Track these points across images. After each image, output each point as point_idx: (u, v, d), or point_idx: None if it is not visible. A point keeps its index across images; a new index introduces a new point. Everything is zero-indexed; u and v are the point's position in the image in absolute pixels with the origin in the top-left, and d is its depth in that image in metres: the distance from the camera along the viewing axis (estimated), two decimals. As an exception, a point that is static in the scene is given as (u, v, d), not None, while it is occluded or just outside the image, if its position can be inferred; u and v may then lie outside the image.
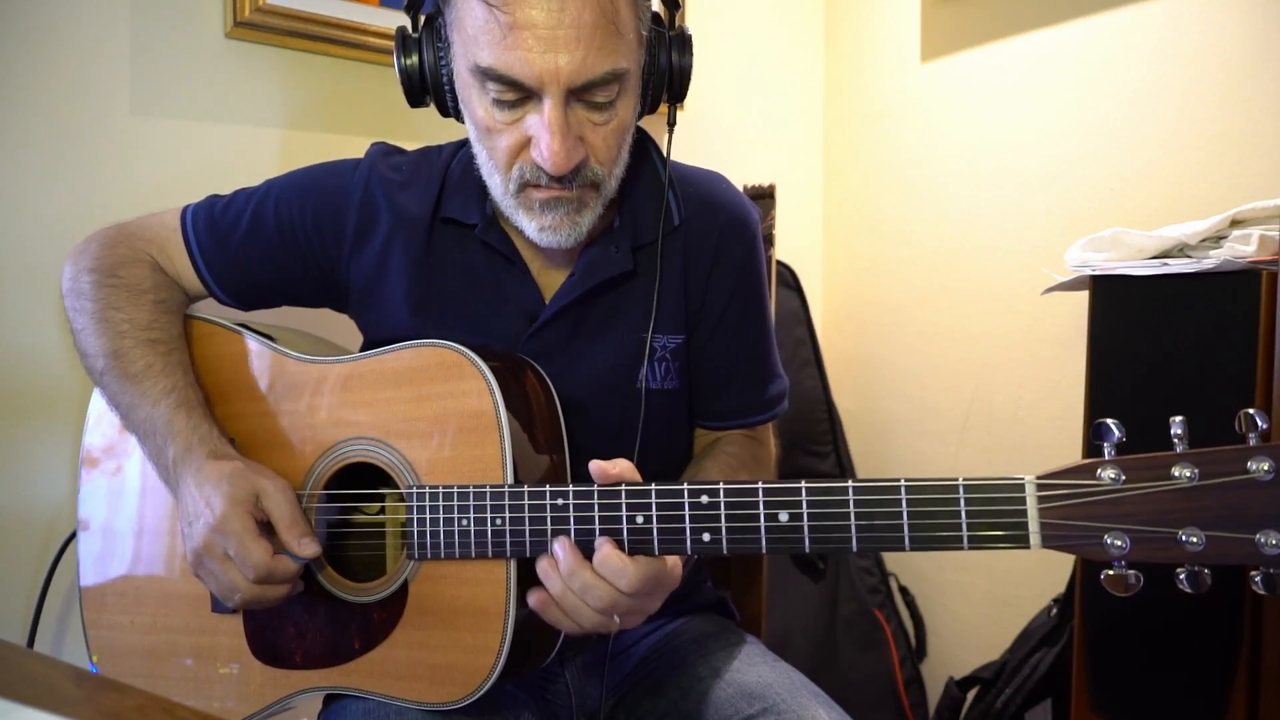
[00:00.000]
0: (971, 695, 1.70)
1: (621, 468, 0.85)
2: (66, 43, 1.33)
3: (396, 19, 1.56)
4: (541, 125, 0.87)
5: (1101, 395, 1.30)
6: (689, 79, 1.00)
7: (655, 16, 0.98)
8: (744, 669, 1.02)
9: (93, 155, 1.36)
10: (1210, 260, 1.19)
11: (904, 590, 2.05)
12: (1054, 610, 1.60)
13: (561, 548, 0.84)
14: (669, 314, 1.04)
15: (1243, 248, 1.19)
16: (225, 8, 1.44)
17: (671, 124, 1.03)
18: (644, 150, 1.08)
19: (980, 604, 1.93)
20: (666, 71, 0.98)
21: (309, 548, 0.91)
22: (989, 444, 1.89)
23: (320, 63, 1.53)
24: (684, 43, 0.99)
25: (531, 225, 0.94)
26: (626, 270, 1.02)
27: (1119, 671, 1.28)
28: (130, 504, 1.07)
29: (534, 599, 0.86)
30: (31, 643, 1.30)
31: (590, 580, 0.83)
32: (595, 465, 0.85)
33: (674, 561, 0.86)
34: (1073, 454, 1.62)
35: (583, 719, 1.07)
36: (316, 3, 1.49)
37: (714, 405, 1.11)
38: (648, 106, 1.00)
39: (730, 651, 1.05)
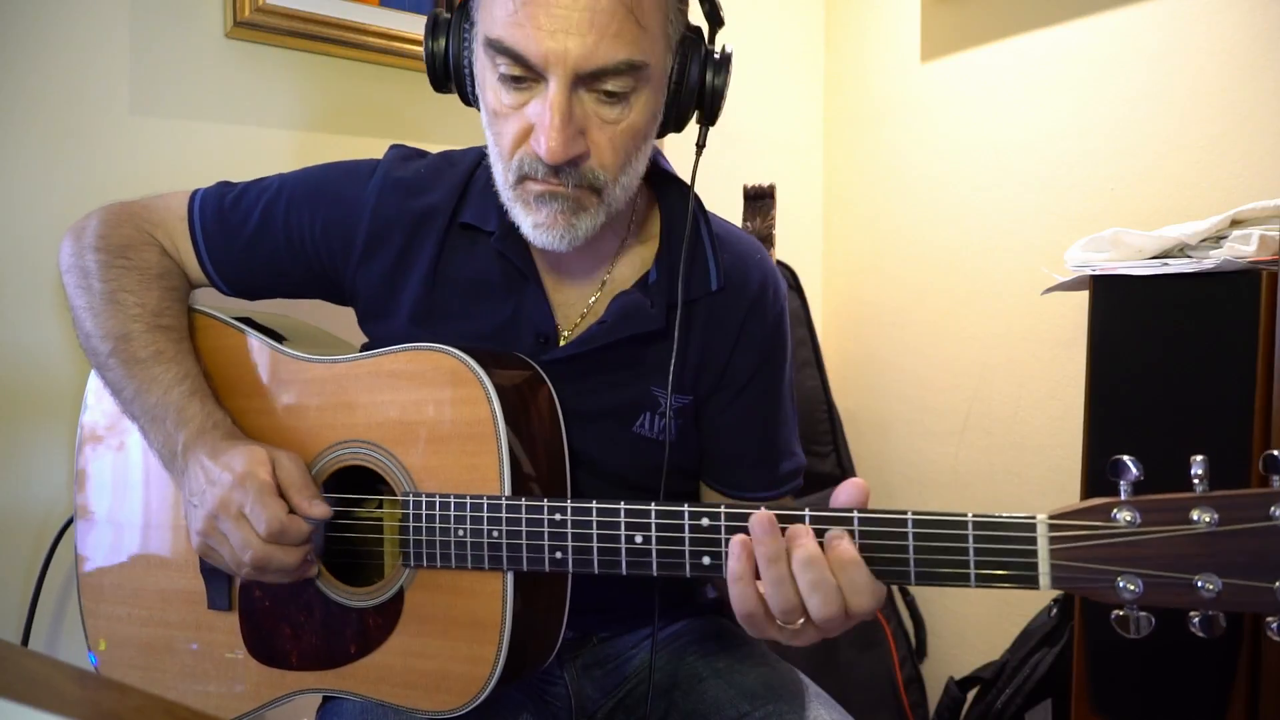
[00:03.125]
0: (971, 695, 1.70)
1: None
2: (66, 43, 1.33)
3: (397, 19, 1.56)
4: (543, 108, 0.84)
5: (1101, 395, 1.30)
6: (722, 100, 0.95)
7: (696, 30, 0.94)
8: (745, 669, 1.02)
9: (93, 155, 1.36)
10: (1210, 260, 1.19)
11: (904, 590, 2.05)
12: (1054, 610, 1.60)
13: (805, 532, 0.75)
14: (683, 374, 1.01)
15: (1243, 248, 1.19)
16: (225, 7, 1.44)
17: (700, 145, 0.98)
18: (683, 199, 1.02)
19: (980, 604, 1.93)
20: (698, 88, 0.93)
21: (318, 508, 0.89)
22: (989, 444, 1.89)
23: (320, 63, 1.53)
24: (723, 62, 0.94)
25: (527, 221, 0.91)
26: (658, 328, 0.98)
27: (1119, 671, 1.28)
28: (131, 494, 1.06)
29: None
30: (26, 638, 1.30)
31: (826, 578, 0.74)
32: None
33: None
34: (1073, 454, 1.62)
35: None
36: (316, 3, 1.49)
37: (725, 474, 1.08)
38: (674, 124, 0.95)
39: (731, 652, 1.05)
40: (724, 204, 1.29)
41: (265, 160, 1.49)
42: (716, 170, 2.02)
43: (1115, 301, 1.28)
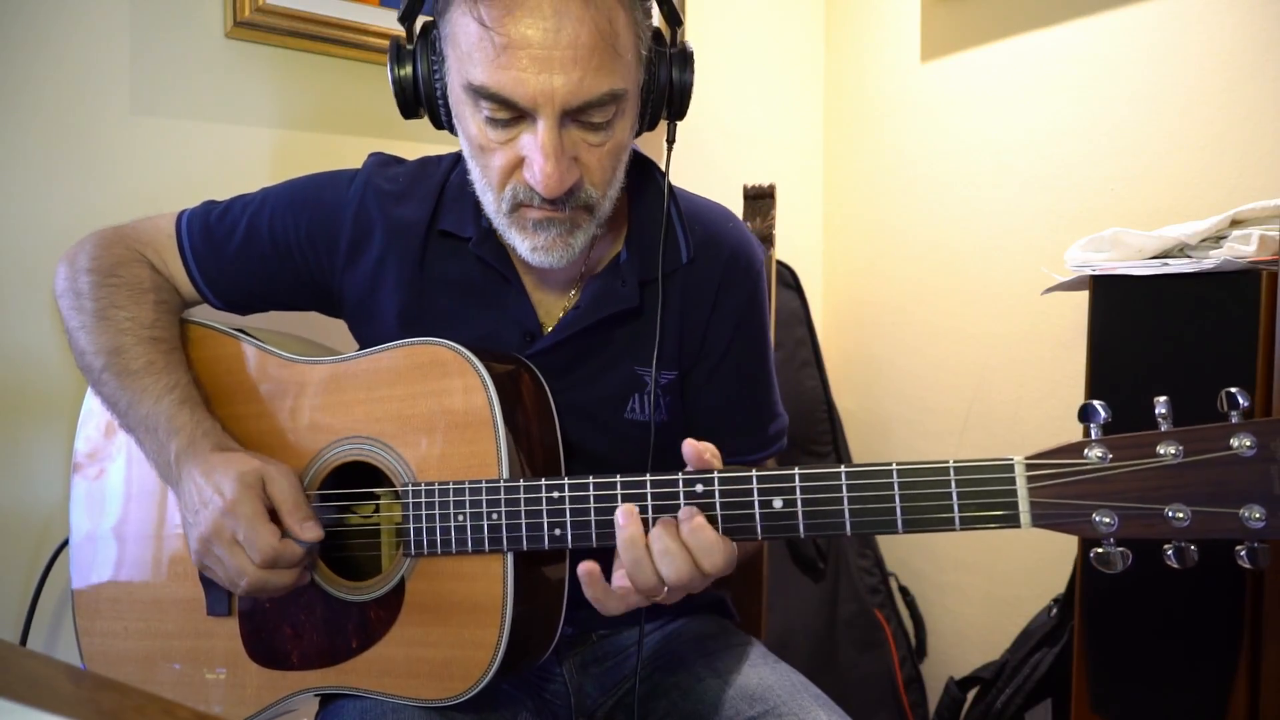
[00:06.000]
0: (971, 695, 1.70)
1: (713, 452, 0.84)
2: (66, 43, 1.33)
3: (396, 20, 1.56)
4: (535, 147, 0.86)
5: (1101, 395, 1.28)
6: (689, 96, 0.98)
7: (657, 33, 0.96)
8: (744, 670, 1.02)
9: (92, 155, 1.36)
10: (1210, 260, 1.19)
11: (904, 590, 2.05)
12: (1054, 610, 1.60)
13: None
14: (664, 349, 1.03)
15: (1243, 248, 1.19)
16: (225, 8, 1.44)
17: (671, 141, 1.00)
18: (651, 179, 1.05)
19: (980, 604, 1.93)
20: (666, 88, 0.96)
21: (310, 531, 0.90)
22: (989, 444, 1.89)
23: (320, 63, 1.53)
24: (685, 59, 0.96)
25: (525, 245, 0.92)
26: (632, 306, 1.01)
27: (1119, 671, 1.28)
28: (122, 509, 1.07)
29: (584, 567, 0.83)
30: (25, 639, 1.30)
31: (673, 547, 0.80)
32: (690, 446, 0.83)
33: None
34: (1073, 454, 1.62)
35: (581, 718, 1.07)
36: (316, 3, 1.49)
37: (714, 442, 1.08)
38: (646, 124, 0.98)
39: (730, 652, 1.05)
40: (724, 204, 1.28)
41: (264, 161, 1.50)
42: (716, 170, 2.03)
43: (1115, 301, 1.28)
